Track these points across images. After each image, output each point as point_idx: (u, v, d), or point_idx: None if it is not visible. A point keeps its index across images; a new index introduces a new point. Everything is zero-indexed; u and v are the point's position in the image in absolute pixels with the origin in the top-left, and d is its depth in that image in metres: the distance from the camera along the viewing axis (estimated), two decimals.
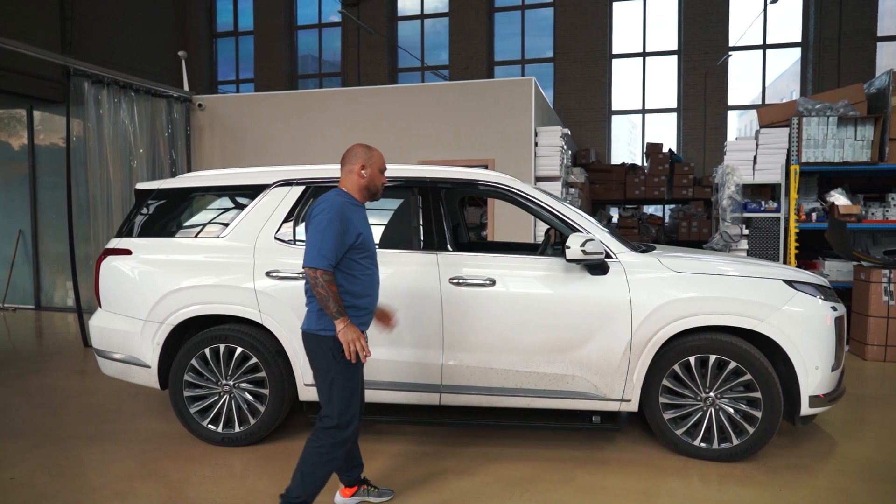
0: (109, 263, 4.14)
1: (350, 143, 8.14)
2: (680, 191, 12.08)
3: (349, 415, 2.84)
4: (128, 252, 4.12)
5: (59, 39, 13.18)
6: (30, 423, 4.50)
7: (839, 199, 7.07)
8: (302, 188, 4.07)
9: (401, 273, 3.83)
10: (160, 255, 4.08)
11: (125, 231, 4.25)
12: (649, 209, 14.40)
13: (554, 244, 4.44)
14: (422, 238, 3.92)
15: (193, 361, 3.94)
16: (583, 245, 3.56)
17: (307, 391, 3.93)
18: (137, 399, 5.05)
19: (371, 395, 3.90)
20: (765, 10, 13.70)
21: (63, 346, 7.16)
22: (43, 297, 9.89)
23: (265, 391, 3.91)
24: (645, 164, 12.74)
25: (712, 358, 3.67)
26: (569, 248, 3.58)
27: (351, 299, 2.85)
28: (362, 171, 2.97)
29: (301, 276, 3.86)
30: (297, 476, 2.82)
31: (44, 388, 5.44)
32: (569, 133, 8.34)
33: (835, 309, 3.74)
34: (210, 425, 3.96)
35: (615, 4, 14.67)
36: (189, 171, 8.19)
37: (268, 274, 3.89)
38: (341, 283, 2.83)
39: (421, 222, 3.95)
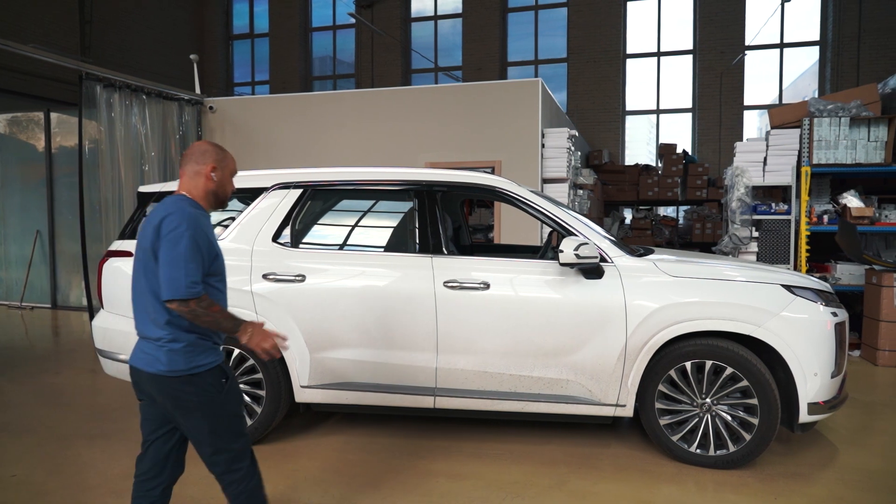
0: (111, 265, 4.21)
1: (359, 144, 8.24)
2: (694, 192, 11.98)
3: (246, 433, 2.53)
4: (129, 254, 4.18)
5: (78, 43, 13.45)
6: (36, 421, 4.59)
7: (852, 201, 6.94)
8: (299, 191, 4.11)
9: (396, 276, 3.85)
10: None
11: (128, 233, 4.32)
12: (664, 210, 14.29)
13: (555, 247, 4.42)
14: (417, 241, 3.93)
15: None
16: (576, 249, 3.55)
17: (304, 393, 3.96)
18: None
19: (366, 398, 3.93)
20: (782, 9, 13.50)
21: (76, 345, 7.30)
22: (59, 296, 10.08)
23: (262, 392, 3.95)
24: (659, 164, 12.64)
25: (709, 363, 3.63)
26: (562, 252, 3.57)
27: (202, 335, 2.43)
28: (212, 174, 2.50)
29: (297, 278, 3.89)
30: None
31: (54, 386, 5.55)
32: (577, 134, 8.29)
33: (835, 315, 3.68)
34: None
35: (629, 4, 14.57)
36: None
37: (264, 276, 3.93)
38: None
39: (416, 226, 3.96)
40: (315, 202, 4.16)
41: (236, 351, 3.95)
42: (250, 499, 2.50)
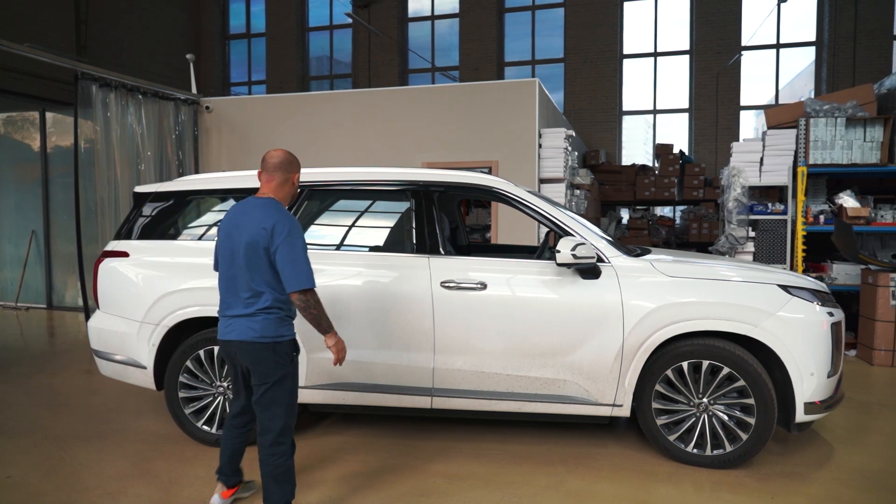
0: (107, 265, 4.20)
1: (356, 144, 8.23)
2: (691, 192, 12.00)
3: (294, 414, 2.97)
4: (125, 254, 4.17)
5: (74, 43, 13.41)
6: (31, 422, 4.57)
7: (848, 201, 6.96)
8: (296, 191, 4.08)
9: (393, 276, 3.84)
10: (157, 258, 4.12)
11: (123, 233, 4.31)
12: (661, 210, 14.31)
13: (552, 247, 4.42)
14: (414, 241, 3.92)
15: (188, 363, 3.98)
16: (573, 249, 3.54)
17: (302, 393, 3.94)
18: (139, 399, 5.10)
19: (363, 398, 3.91)
20: (778, 10, 13.53)
21: (72, 346, 7.27)
22: (55, 296, 10.04)
23: None
24: (655, 164, 12.66)
25: (705, 363, 3.63)
26: (559, 252, 3.56)
27: (288, 311, 2.97)
28: (296, 181, 3.06)
29: None
30: (273, 487, 2.88)
31: (49, 387, 5.53)
32: (573, 134, 8.30)
33: (831, 314, 3.68)
34: (204, 426, 4.00)
35: (626, 4, 14.59)
36: (197, 172, 8.27)
37: None
38: (288, 301, 2.93)
39: (413, 226, 3.95)
40: (312, 202, 4.14)
41: None
42: (286, 473, 2.90)
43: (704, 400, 3.67)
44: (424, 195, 3.99)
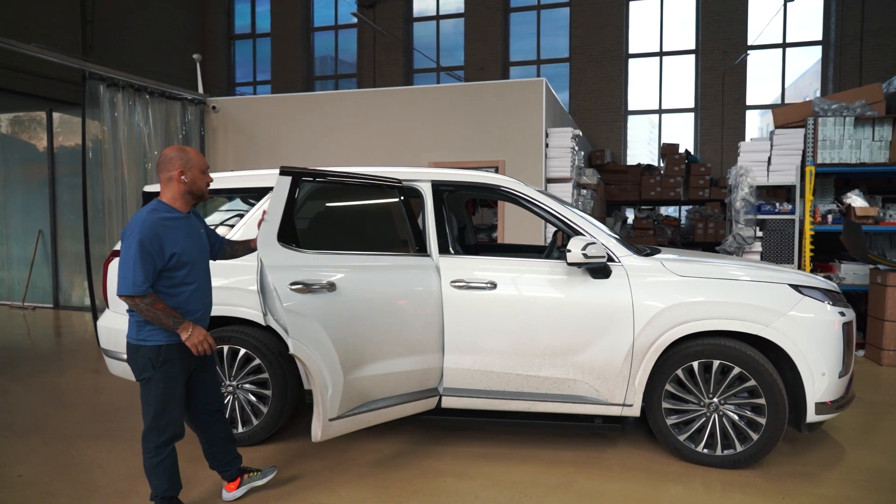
0: (117, 265, 4.20)
1: (362, 143, 8.23)
2: (696, 192, 11.96)
3: (165, 420, 2.91)
4: None
5: (80, 42, 13.44)
6: (40, 421, 4.59)
7: (856, 200, 6.93)
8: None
9: (403, 276, 3.82)
10: None
11: None
12: (666, 210, 14.27)
13: (560, 247, 4.41)
14: (423, 241, 3.91)
15: None
16: (584, 249, 3.54)
17: (332, 426, 3.79)
18: None
19: (383, 415, 3.83)
20: (784, 9, 13.49)
21: (79, 345, 7.29)
22: (61, 296, 10.07)
23: (268, 392, 3.94)
24: (661, 164, 12.63)
25: (716, 363, 3.62)
26: (569, 251, 3.56)
27: None
28: (182, 177, 2.91)
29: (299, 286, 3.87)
30: (147, 475, 2.99)
31: (57, 386, 5.54)
32: (580, 134, 8.28)
33: (843, 314, 3.67)
34: None
35: (632, 3, 14.54)
36: None
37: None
38: (163, 301, 2.84)
39: (423, 225, 3.94)
40: (318, 202, 4.13)
41: (242, 350, 3.94)
42: (152, 469, 2.93)
43: (715, 400, 3.66)
44: (434, 194, 3.99)
